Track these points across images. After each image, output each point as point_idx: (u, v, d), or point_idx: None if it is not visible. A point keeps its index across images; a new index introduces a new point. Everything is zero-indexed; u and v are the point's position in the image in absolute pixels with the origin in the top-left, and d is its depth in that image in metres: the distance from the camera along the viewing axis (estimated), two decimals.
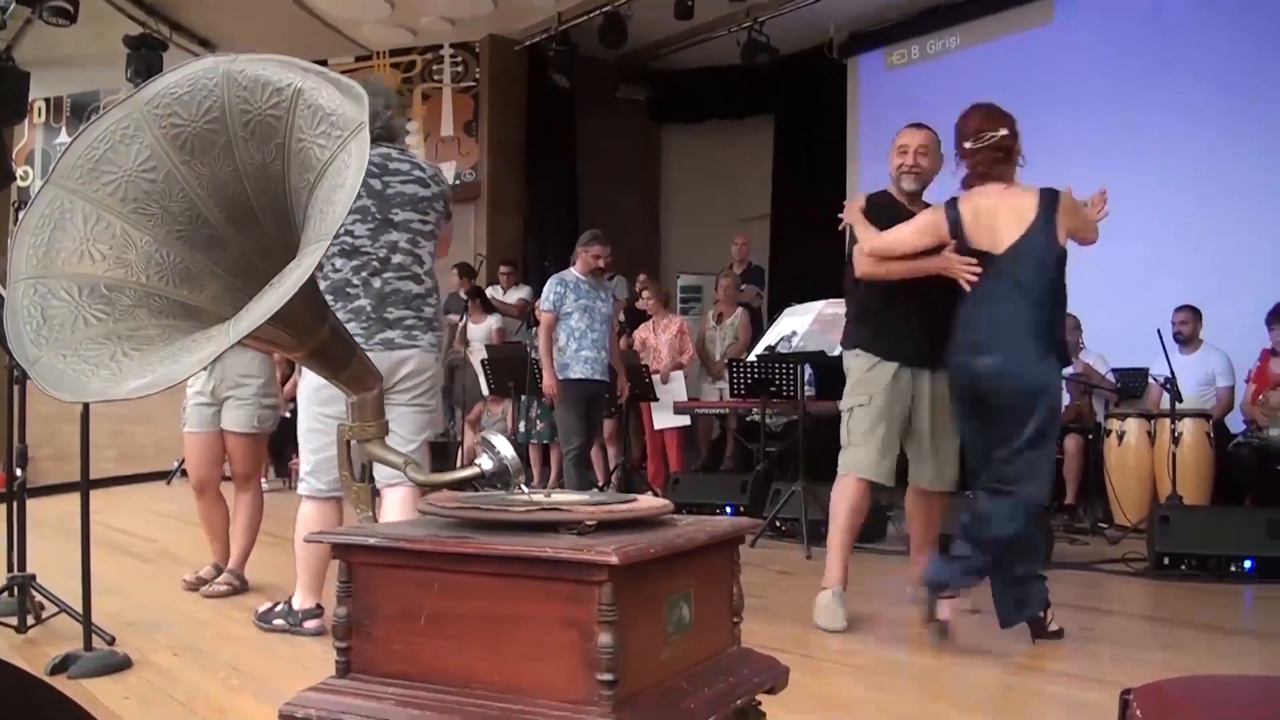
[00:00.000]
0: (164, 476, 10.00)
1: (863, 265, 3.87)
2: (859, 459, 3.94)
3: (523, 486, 1.49)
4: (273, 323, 1.23)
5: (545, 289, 6.52)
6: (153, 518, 7.60)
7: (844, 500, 3.97)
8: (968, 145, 3.63)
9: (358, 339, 3.25)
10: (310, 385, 3.62)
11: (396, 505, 3.49)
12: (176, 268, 1.41)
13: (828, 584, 3.93)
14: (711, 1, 9.45)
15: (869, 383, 3.96)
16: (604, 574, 1.25)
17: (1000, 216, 3.54)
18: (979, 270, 3.52)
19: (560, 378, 6.36)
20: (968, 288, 3.55)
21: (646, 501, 1.50)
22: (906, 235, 3.74)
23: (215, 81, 1.38)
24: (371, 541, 1.40)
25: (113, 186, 1.38)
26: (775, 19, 10.11)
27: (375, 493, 1.67)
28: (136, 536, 6.43)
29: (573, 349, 6.35)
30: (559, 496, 1.50)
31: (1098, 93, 8.42)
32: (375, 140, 3.47)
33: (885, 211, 3.95)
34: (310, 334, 1.48)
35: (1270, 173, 7.63)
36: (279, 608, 3.77)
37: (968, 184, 3.67)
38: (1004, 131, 3.58)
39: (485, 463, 1.51)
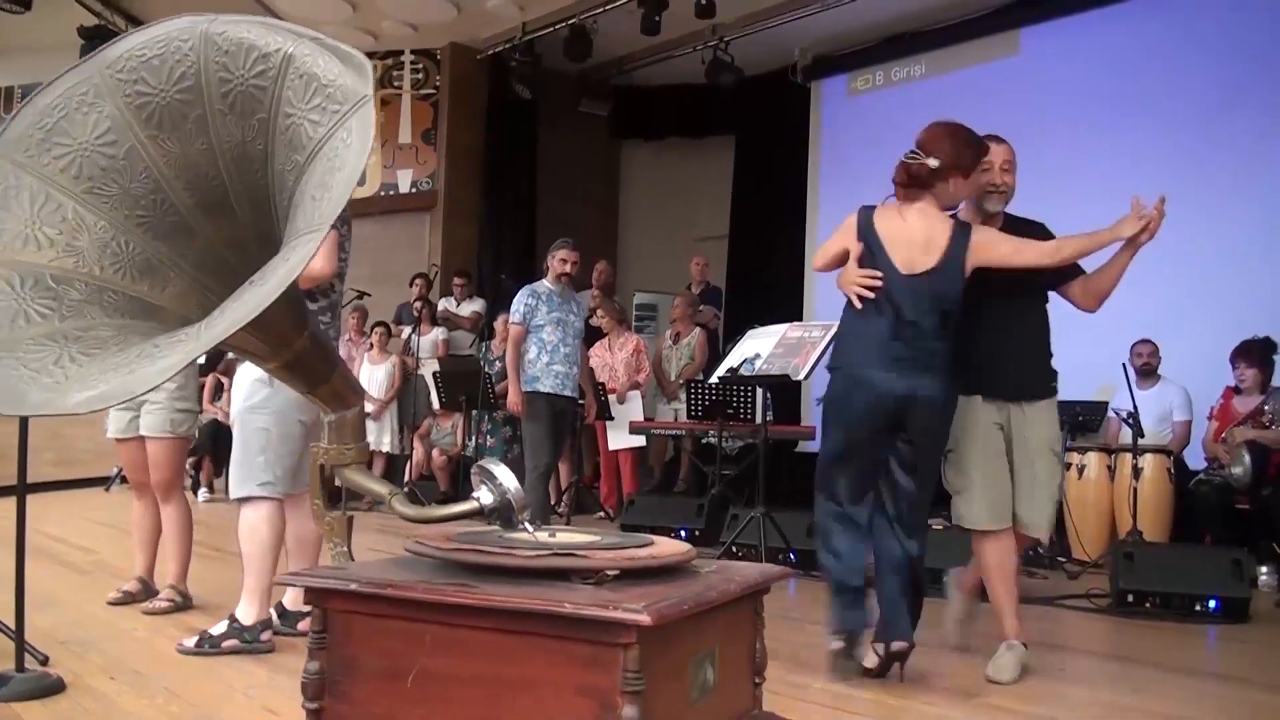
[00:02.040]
0: (103, 483, 9.64)
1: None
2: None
3: (527, 525, 1.30)
4: (248, 328, 1.03)
5: (515, 301, 6.15)
6: (90, 526, 7.23)
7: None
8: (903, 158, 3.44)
9: None
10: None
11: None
12: (136, 259, 1.20)
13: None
14: (678, 19, 9.33)
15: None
16: (631, 635, 1.06)
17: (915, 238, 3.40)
18: (878, 286, 3.32)
19: (527, 390, 6.04)
20: (860, 305, 3.35)
21: (667, 546, 1.31)
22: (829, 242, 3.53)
23: (190, 45, 1.18)
24: (353, 586, 1.19)
25: (65, 161, 1.17)
26: (741, 39, 10.02)
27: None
28: (72, 546, 6.10)
29: (544, 362, 6.02)
30: (565, 537, 1.31)
31: (1060, 127, 8.39)
32: None
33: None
34: (286, 343, 1.27)
35: (1230, 207, 7.64)
36: (229, 628, 3.52)
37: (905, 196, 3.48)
38: (934, 163, 3.38)
39: (484, 496, 1.30)
